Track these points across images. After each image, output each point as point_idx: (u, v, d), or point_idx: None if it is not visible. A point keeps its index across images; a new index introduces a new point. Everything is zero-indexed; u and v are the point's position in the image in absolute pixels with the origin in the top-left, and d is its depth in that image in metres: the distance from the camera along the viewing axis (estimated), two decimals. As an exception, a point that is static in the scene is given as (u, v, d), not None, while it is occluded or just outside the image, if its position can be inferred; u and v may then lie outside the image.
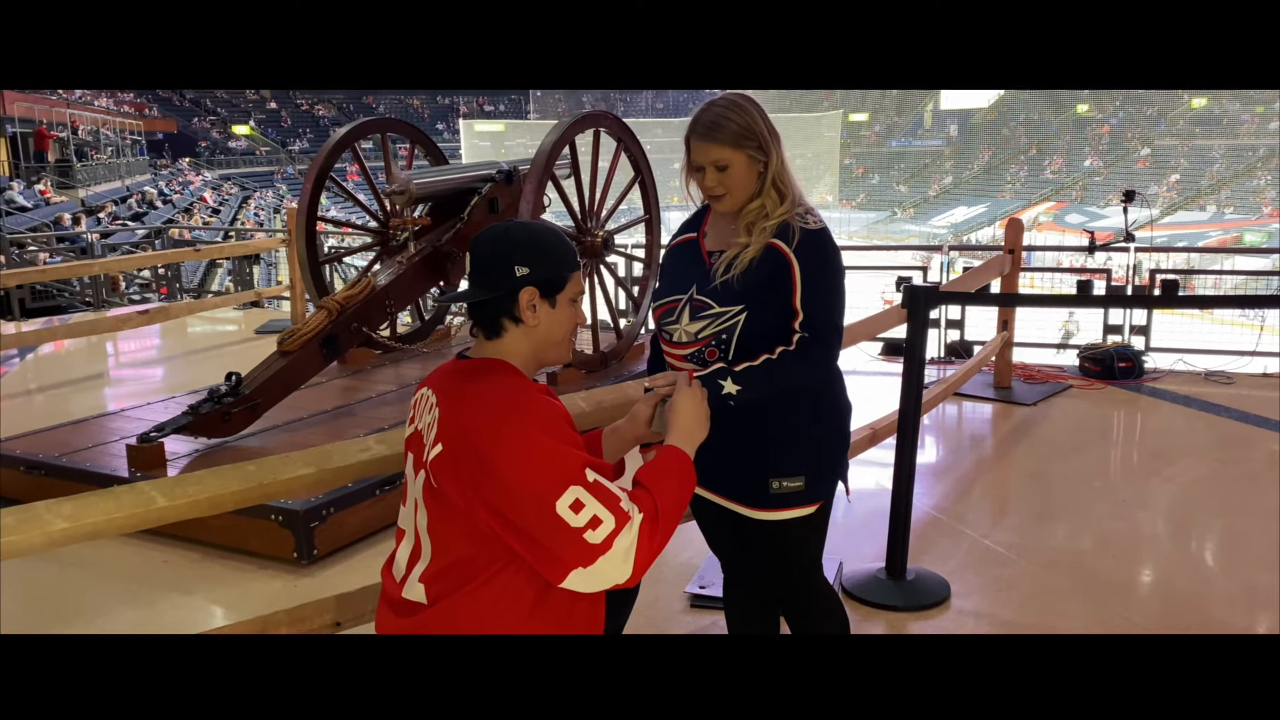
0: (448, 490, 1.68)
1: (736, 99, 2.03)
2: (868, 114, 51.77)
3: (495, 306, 1.78)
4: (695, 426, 1.89)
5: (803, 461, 2.05)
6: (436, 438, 1.71)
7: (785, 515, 2.07)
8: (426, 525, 1.75)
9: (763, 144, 2.02)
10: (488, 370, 1.78)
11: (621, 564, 1.63)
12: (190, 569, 3.55)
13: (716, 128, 2.01)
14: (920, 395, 3.11)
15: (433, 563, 1.74)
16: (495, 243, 1.78)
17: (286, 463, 2.28)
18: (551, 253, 1.80)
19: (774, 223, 1.99)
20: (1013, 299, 4.91)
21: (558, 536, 1.61)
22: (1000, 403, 5.44)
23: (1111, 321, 6.38)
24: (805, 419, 2.05)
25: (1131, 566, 3.51)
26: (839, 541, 3.70)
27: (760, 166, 2.03)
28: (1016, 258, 5.34)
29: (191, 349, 7.88)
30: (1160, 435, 5.09)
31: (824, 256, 2.00)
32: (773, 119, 2.10)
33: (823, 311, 1.97)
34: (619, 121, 5.41)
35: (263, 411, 4.38)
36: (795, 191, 2.04)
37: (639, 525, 1.64)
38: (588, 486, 1.62)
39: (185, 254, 8.36)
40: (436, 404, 1.76)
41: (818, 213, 2.06)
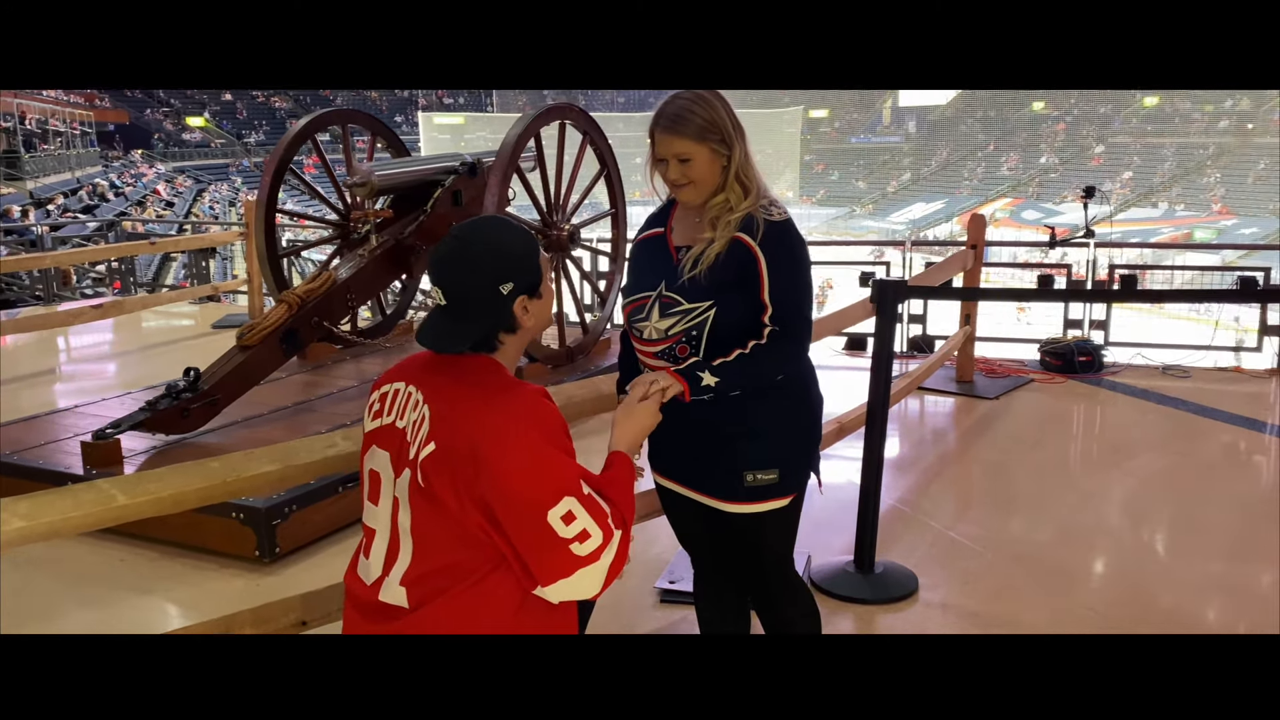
0: (439, 490, 1.64)
1: (703, 93, 2.02)
2: (828, 110, 52.10)
3: (491, 329, 1.75)
4: (642, 436, 1.94)
5: (776, 454, 2.05)
6: (429, 436, 1.66)
7: (759, 508, 2.06)
8: (410, 525, 1.70)
9: (726, 138, 2.00)
10: (481, 370, 1.74)
11: (599, 579, 1.65)
12: (148, 568, 3.47)
13: (680, 120, 1.99)
14: (889, 389, 3.12)
15: (415, 564, 1.69)
16: (470, 272, 1.72)
17: (250, 459, 2.23)
18: (526, 254, 1.77)
19: (738, 216, 1.99)
20: (979, 293, 4.95)
21: (546, 546, 1.61)
22: (963, 396, 5.48)
23: (1071, 316, 6.46)
24: (778, 412, 2.05)
25: (1094, 557, 3.55)
26: (807, 535, 3.65)
27: (724, 160, 2.01)
28: (979, 253, 5.38)
29: (147, 344, 7.72)
30: (1120, 428, 5.16)
31: (790, 248, 2.00)
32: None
33: (792, 304, 1.97)
34: (585, 114, 5.37)
35: (222, 407, 4.30)
36: (759, 185, 2.04)
37: (619, 540, 1.66)
38: (581, 499, 1.62)
39: (140, 247, 8.21)
40: (425, 401, 1.71)
41: (782, 205, 2.06)
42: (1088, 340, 6.12)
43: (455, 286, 1.73)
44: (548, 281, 1.81)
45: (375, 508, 1.79)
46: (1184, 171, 39.79)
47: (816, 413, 2.16)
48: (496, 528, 1.63)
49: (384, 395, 1.83)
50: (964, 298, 5.31)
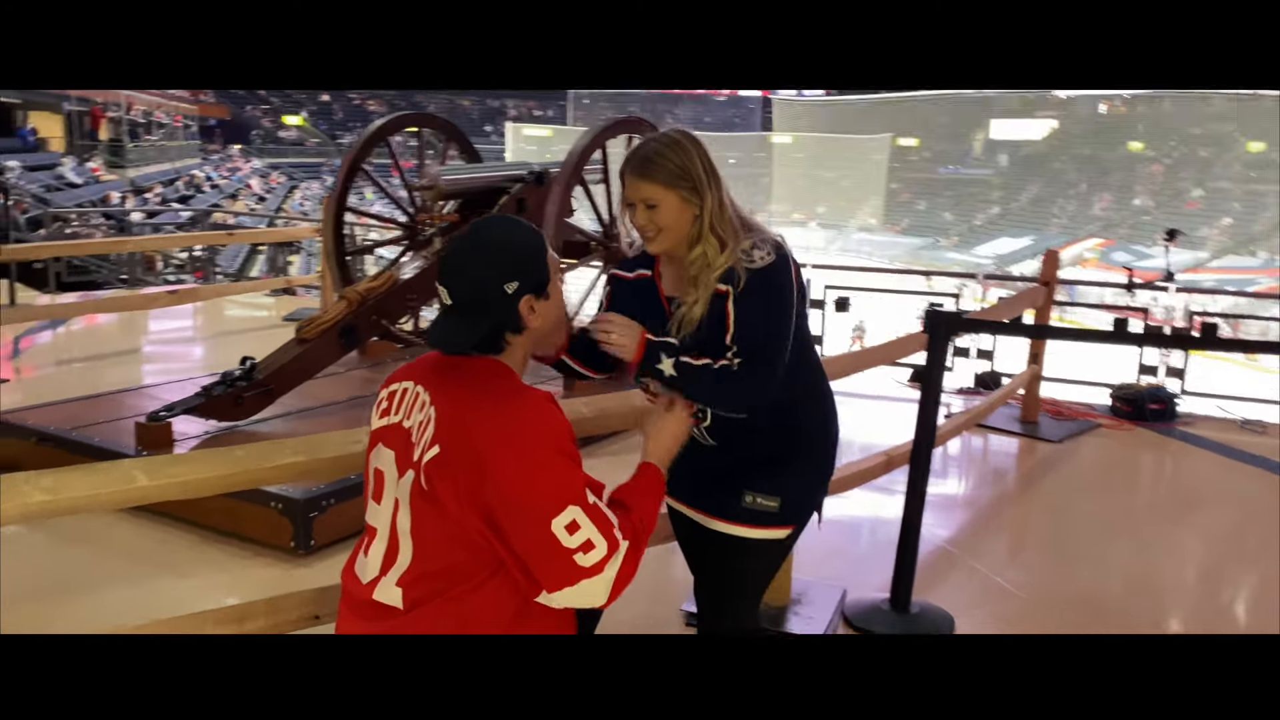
0: (441, 494, 1.62)
1: (678, 137, 1.92)
2: (917, 140, 51.40)
3: (496, 329, 1.73)
4: (674, 450, 1.89)
5: (782, 483, 1.97)
6: (434, 439, 1.65)
7: (749, 533, 1.98)
8: (410, 527, 1.68)
9: (697, 186, 1.89)
10: (489, 373, 1.72)
11: (604, 590, 1.62)
12: (188, 551, 3.53)
13: (650, 164, 1.90)
14: (935, 425, 3.01)
15: (414, 566, 1.67)
16: (474, 271, 1.71)
17: (276, 449, 2.25)
18: (532, 253, 1.75)
19: (718, 273, 1.88)
20: (1035, 330, 4.78)
21: (548, 555, 1.59)
22: (1025, 438, 5.31)
23: (1146, 362, 6.22)
24: (792, 442, 1.98)
25: (1143, 613, 3.39)
26: (844, 568, 3.62)
27: (695, 209, 1.90)
28: (1051, 290, 5.22)
29: (218, 331, 7.92)
30: (1187, 481, 4.94)
31: (764, 291, 1.87)
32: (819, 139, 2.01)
33: (758, 334, 1.87)
34: (654, 129, 5.35)
35: (276, 397, 4.36)
36: (738, 231, 1.91)
37: (625, 552, 1.62)
38: (586, 509, 1.60)
39: (217, 237, 8.43)
40: (430, 403, 1.70)
41: (771, 239, 1.92)
42: (1161, 388, 5.88)
43: (460, 286, 1.71)
44: (556, 282, 1.79)
45: (378, 506, 1.78)
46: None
47: (831, 451, 2.08)
48: (498, 534, 1.61)
49: (392, 394, 1.82)
50: (1018, 333, 5.15)
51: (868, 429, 5.59)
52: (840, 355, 4.32)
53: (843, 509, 4.16)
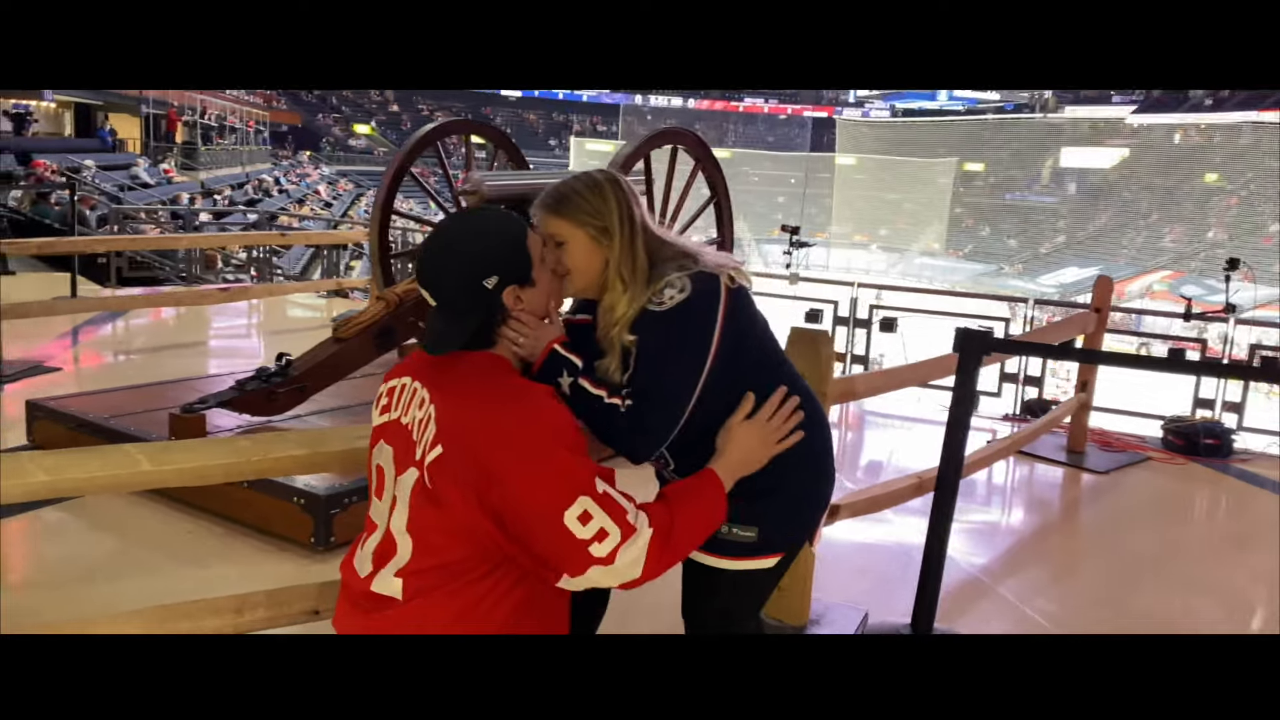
0: (446, 493, 1.61)
1: (600, 178, 1.84)
2: (983, 165, 50.73)
3: (484, 325, 1.71)
4: (746, 461, 1.81)
5: (759, 511, 1.86)
6: (435, 439, 1.63)
7: (724, 564, 1.89)
8: (405, 524, 1.67)
9: (608, 228, 1.80)
10: (485, 368, 1.71)
11: (622, 575, 1.61)
12: (211, 542, 3.56)
13: (561, 201, 1.82)
14: (963, 447, 2.91)
15: (414, 560, 1.67)
16: (450, 270, 1.69)
17: (279, 441, 2.24)
18: (509, 243, 1.72)
19: (625, 324, 1.79)
20: (1068, 351, 4.61)
21: (563, 548, 1.58)
22: (1071, 467, 5.14)
23: (1203, 395, 6.02)
24: (772, 470, 1.85)
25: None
26: (870, 591, 3.53)
27: (606, 253, 1.81)
28: (1103, 317, 5.06)
29: (271, 330, 8.06)
30: (1241, 520, 4.75)
31: (662, 331, 1.76)
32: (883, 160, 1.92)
33: (646, 374, 1.76)
34: (698, 140, 5.32)
35: (310, 394, 4.39)
36: (644, 272, 1.80)
37: (647, 540, 1.60)
38: (597, 498, 1.58)
39: (270, 237, 8.60)
40: (429, 400, 1.68)
41: (697, 274, 1.79)
42: (1218, 422, 5.68)
43: (439, 286, 1.70)
44: (543, 266, 1.76)
45: (379, 503, 1.77)
46: (1368, 258, 37.02)
47: (817, 477, 1.96)
48: (505, 531, 1.60)
49: (391, 390, 1.81)
50: (1051, 355, 5.00)
51: (905, 451, 5.49)
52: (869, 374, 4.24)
53: (874, 532, 4.07)
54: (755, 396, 1.85)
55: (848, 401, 5.02)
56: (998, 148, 50.41)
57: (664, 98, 54.64)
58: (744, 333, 1.85)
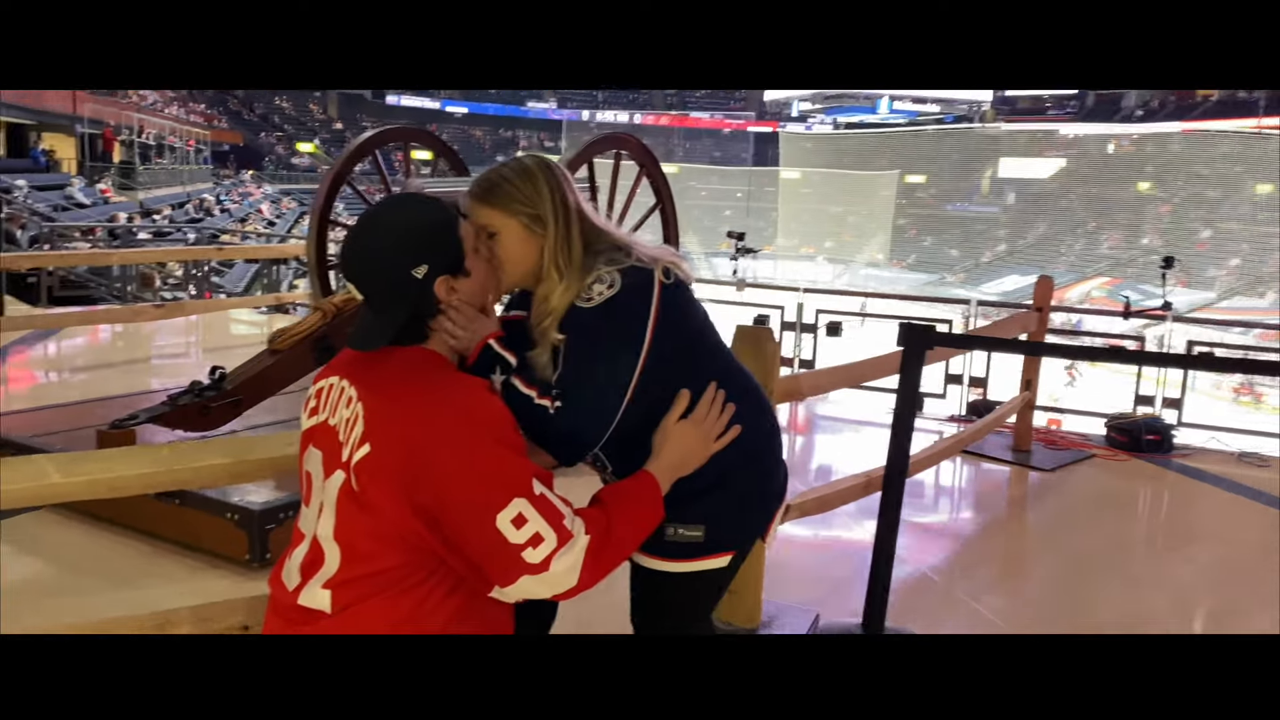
0: (374, 495, 1.52)
1: (530, 164, 1.76)
2: (925, 176, 51.47)
3: (415, 318, 1.63)
4: (683, 461, 1.74)
5: (705, 510, 1.79)
6: (363, 437, 1.54)
7: (672, 566, 1.82)
8: (332, 531, 1.58)
9: (541, 215, 1.72)
10: (417, 363, 1.62)
11: (557, 585, 1.52)
12: (141, 562, 3.42)
13: (491, 189, 1.73)
14: (908, 443, 2.89)
15: (342, 570, 1.57)
16: (377, 260, 1.61)
17: (202, 449, 2.16)
18: (439, 230, 1.63)
19: (555, 319, 1.72)
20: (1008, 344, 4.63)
21: (494, 552, 1.49)
22: (1017, 466, 5.17)
23: (1143, 392, 6.10)
24: (717, 467, 1.79)
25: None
26: (821, 592, 3.50)
27: (541, 242, 1.73)
28: (1044, 316, 5.11)
29: (207, 346, 7.86)
30: (1184, 513, 4.80)
31: (589, 328, 1.69)
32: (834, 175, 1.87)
33: (572, 373, 1.69)
34: (642, 146, 5.29)
35: (245, 408, 4.26)
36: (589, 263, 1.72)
37: (584, 546, 1.52)
38: (533, 500, 1.49)
39: (207, 252, 8.40)
40: (358, 398, 1.59)
41: (629, 268, 1.71)
42: (1158, 418, 5.75)
43: (365, 278, 1.61)
44: (476, 256, 1.68)
45: (307, 510, 1.68)
46: (1296, 262, 38.13)
47: (764, 473, 1.89)
48: (437, 534, 1.51)
49: (319, 391, 1.72)
50: (989, 348, 5.03)
51: (854, 452, 5.49)
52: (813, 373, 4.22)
53: (825, 534, 4.05)
54: (697, 393, 1.78)
55: (794, 400, 5.00)
56: (938, 159, 51.19)
57: (610, 112, 54.75)
58: (680, 329, 1.77)
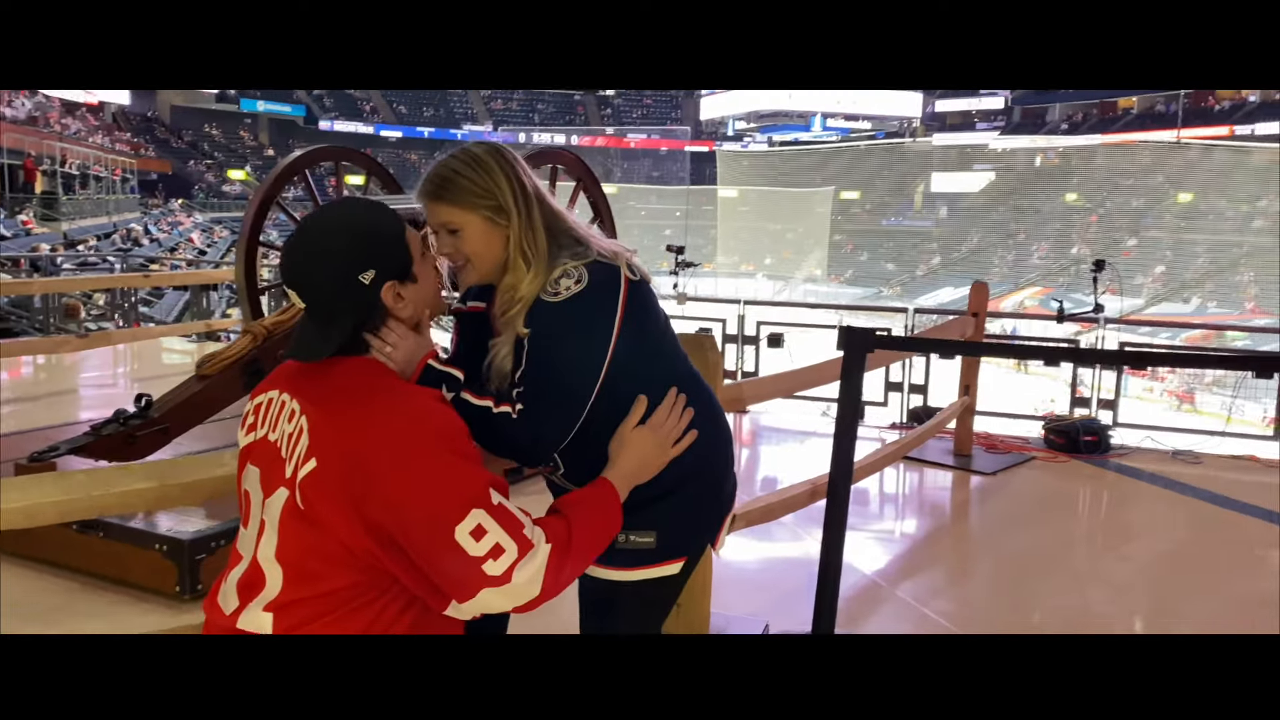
0: (322, 512, 1.44)
1: (480, 153, 1.68)
2: (859, 192, 52.32)
3: (361, 327, 1.55)
4: (642, 468, 1.69)
5: (655, 516, 1.74)
6: (308, 452, 1.46)
7: (628, 575, 1.75)
8: (275, 551, 1.49)
9: (503, 205, 1.65)
10: (362, 373, 1.55)
11: (519, 596, 1.46)
12: (62, 599, 3.27)
13: (445, 185, 1.66)
14: (852, 447, 2.86)
15: (285, 592, 1.48)
16: (321, 265, 1.53)
17: (122, 474, 2.05)
18: (385, 235, 1.56)
19: (521, 309, 1.65)
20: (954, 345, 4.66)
21: (455, 566, 1.42)
22: (959, 470, 5.21)
23: (1079, 394, 6.20)
24: (664, 477, 1.74)
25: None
26: (769, 602, 3.47)
27: (505, 232, 1.66)
28: (980, 320, 5.17)
29: (135, 376, 7.63)
30: (1123, 511, 4.88)
31: (557, 325, 1.63)
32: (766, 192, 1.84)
33: (539, 373, 1.63)
34: (577, 160, 5.26)
35: (173, 436, 4.11)
36: (555, 251, 1.67)
37: (546, 555, 1.46)
38: (491, 510, 1.43)
39: (132, 279, 8.17)
40: (301, 411, 1.51)
41: (594, 263, 1.66)
42: (1094, 419, 5.85)
43: (308, 285, 1.53)
44: (424, 262, 1.61)
45: (245, 531, 1.58)
46: (1217, 269, 39.41)
47: (715, 478, 1.84)
48: (392, 551, 1.44)
49: (258, 406, 1.63)
50: (928, 350, 5.07)
51: (799, 462, 5.49)
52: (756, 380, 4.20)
53: (773, 545, 4.02)
54: (656, 395, 1.74)
55: (737, 409, 4.99)
56: (871, 175, 52.09)
57: (547, 134, 54.75)
58: (644, 328, 1.73)
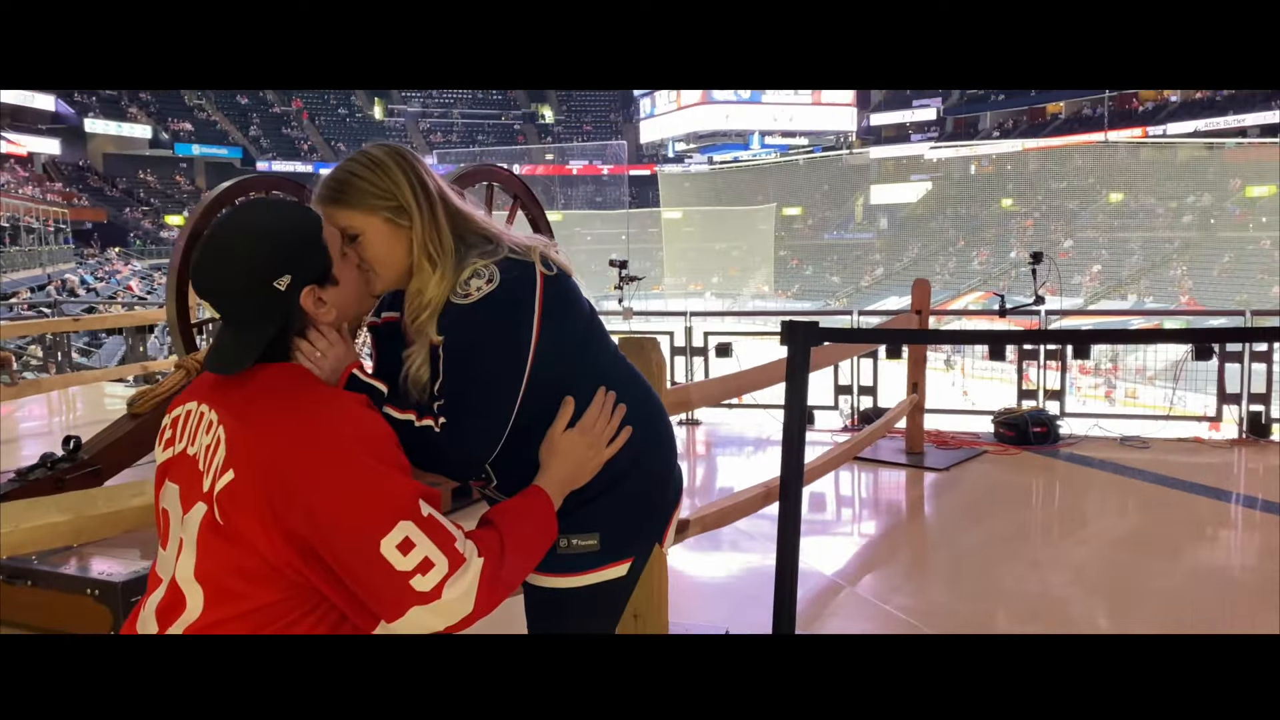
0: (241, 526, 1.35)
1: (377, 154, 1.59)
2: (800, 208, 52.87)
3: (281, 335, 1.46)
4: (576, 473, 1.62)
5: (598, 518, 1.66)
6: (226, 464, 1.37)
7: (574, 581, 1.67)
8: (194, 571, 1.39)
9: (403, 204, 1.55)
10: (283, 380, 1.45)
11: (451, 614, 1.37)
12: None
13: (342, 188, 1.56)
14: (803, 441, 2.82)
15: (206, 614, 1.38)
16: (231, 272, 1.44)
17: (34, 508, 1.94)
18: (301, 237, 1.47)
19: (431, 314, 1.56)
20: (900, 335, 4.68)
21: (380, 582, 1.33)
22: (912, 468, 5.21)
23: (1026, 386, 6.25)
24: (605, 473, 1.66)
25: (1034, 627, 3.24)
26: (728, 609, 3.41)
27: (408, 232, 1.57)
28: (924, 318, 5.18)
29: (69, 424, 7.39)
30: (1076, 498, 4.90)
31: (468, 329, 1.54)
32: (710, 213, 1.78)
33: (454, 381, 1.55)
34: (513, 176, 5.20)
35: (106, 478, 3.97)
36: (464, 251, 1.57)
37: (478, 570, 1.38)
38: (420, 522, 1.34)
39: (62, 323, 7.93)
40: (219, 422, 1.42)
41: (505, 261, 1.57)
42: (1042, 410, 5.89)
43: (220, 293, 1.44)
44: (345, 263, 1.52)
45: (164, 553, 1.48)
46: (1151, 265, 40.35)
47: (654, 476, 1.76)
48: (315, 566, 1.35)
49: (175, 420, 1.52)
50: (874, 340, 5.08)
51: (752, 469, 5.45)
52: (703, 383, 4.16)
53: (730, 552, 3.98)
54: (586, 395, 1.65)
55: (685, 410, 4.95)
56: (812, 190, 52.69)
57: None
58: (567, 324, 1.64)
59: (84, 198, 47.98)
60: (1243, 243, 37.57)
